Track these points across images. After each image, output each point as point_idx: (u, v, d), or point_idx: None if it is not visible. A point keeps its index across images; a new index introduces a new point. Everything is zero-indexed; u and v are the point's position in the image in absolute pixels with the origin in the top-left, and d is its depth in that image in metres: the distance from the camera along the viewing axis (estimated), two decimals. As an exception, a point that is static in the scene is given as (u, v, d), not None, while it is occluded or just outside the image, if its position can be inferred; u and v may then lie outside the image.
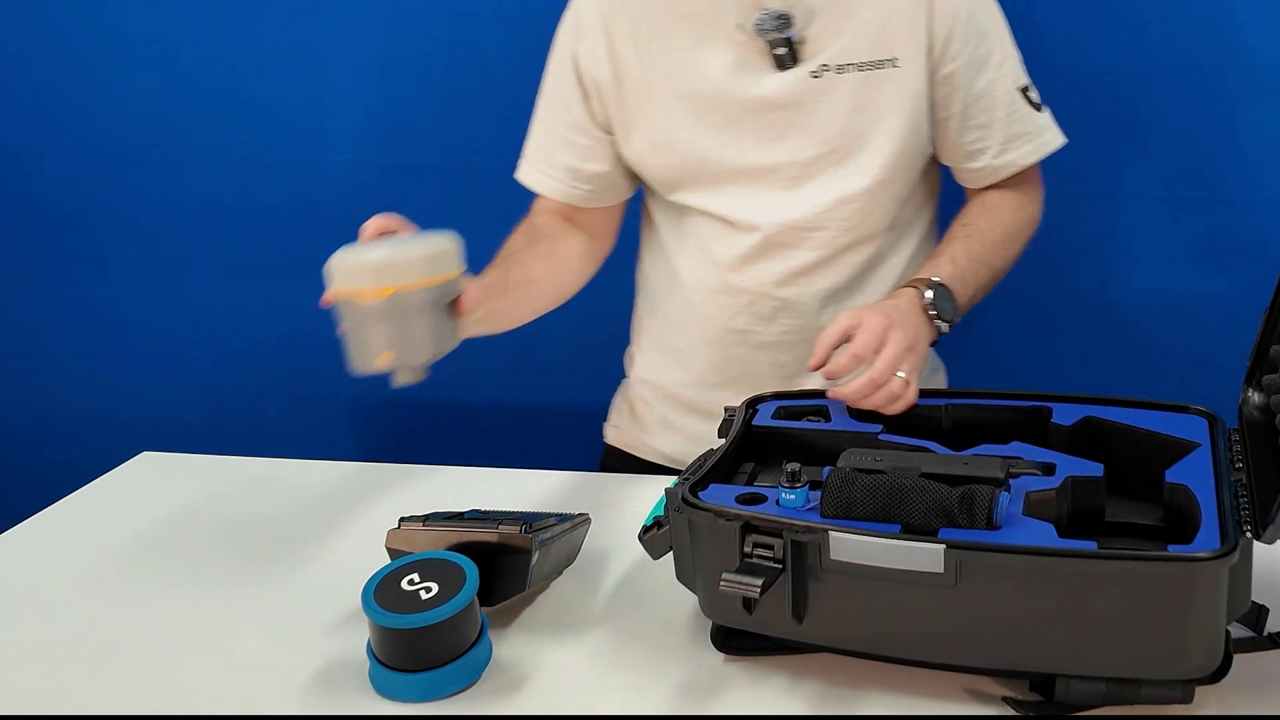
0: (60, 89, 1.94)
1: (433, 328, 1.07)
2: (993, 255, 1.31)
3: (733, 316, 1.37)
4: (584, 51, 1.35)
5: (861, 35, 1.27)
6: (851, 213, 1.32)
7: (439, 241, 1.09)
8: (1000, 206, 1.35)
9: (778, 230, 1.32)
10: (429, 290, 1.06)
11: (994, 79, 1.31)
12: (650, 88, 1.33)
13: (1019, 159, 1.34)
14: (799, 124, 1.30)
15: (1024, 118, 1.33)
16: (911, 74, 1.28)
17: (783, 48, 1.27)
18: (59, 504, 1.34)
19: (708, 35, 1.30)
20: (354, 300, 1.04)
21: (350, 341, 1.07)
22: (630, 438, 1.54)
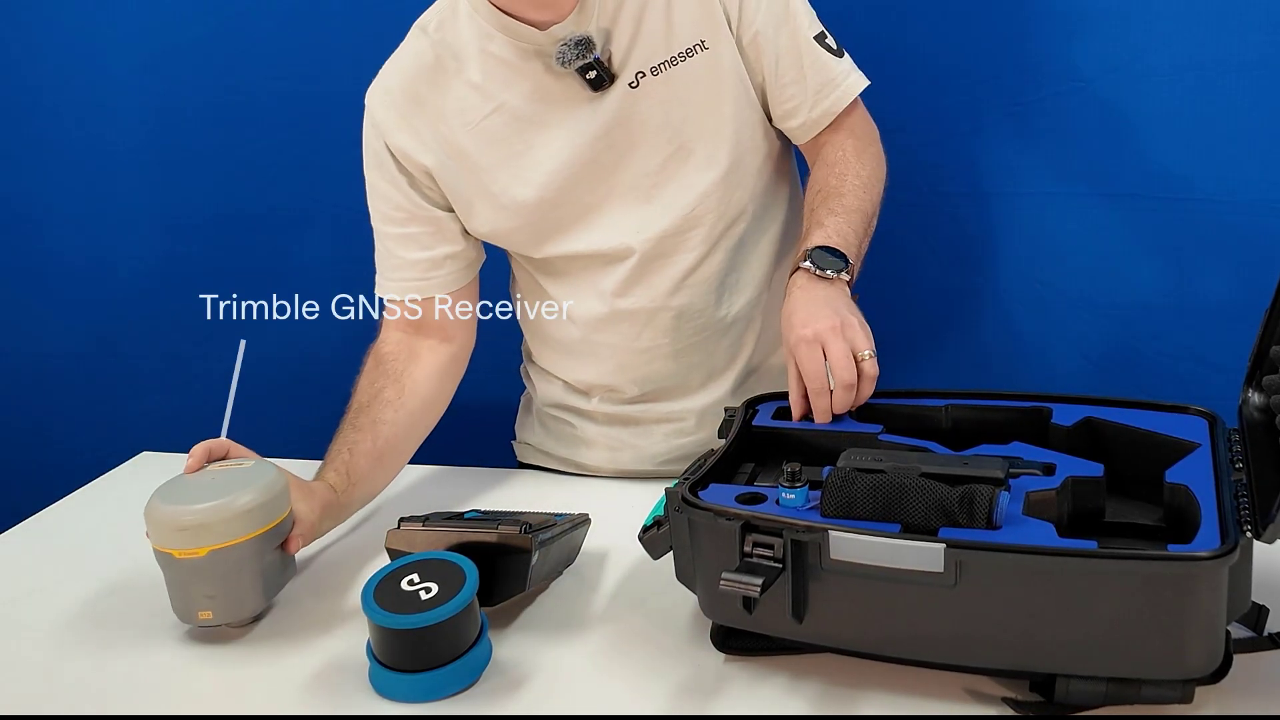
0: (60, 89, 1.94)
1: (259, 577, 1.02)
2: (856, 200, 1.30)
3: (635, 338, 1.36)
4: (396, 143, 1.31)
5: (660, 32, 1.27)
6: (715, 202, 1.32)
7: (264, 486, 1.02)
8: (838, 159, 1.34)
9: (653, 244, 1.32)
10: (252, 543, 1.00)
11: (791, 32, 1.31)
12: (477, 158, 1.30)
13: (832, 106, 1.33)
14: (636, 135, 1.29)
15: (826, 65, 1.32)
16: (721, 51, 1.28)
17: (592, 71, 1.25)
18: (59, 504, 1.34)
19: (515, 87, 1.28)
20: (170, 555, 0.99)
21: (170, 592, 1.02)
22: (546, 455, 1.51)
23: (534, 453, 1.54)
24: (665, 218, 1.32)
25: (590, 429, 1.46)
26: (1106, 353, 1.72)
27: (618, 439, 1.44)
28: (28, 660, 1.01)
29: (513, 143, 1.29)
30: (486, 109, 1.29)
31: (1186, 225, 1.63)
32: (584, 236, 1.33)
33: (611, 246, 1.33)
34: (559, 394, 1.47)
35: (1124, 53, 1.59)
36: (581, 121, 1.28)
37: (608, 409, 1.43)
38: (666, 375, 1.39)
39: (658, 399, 1.40)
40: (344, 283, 1.94)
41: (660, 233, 1.32)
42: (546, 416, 1.50)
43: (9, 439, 2.12)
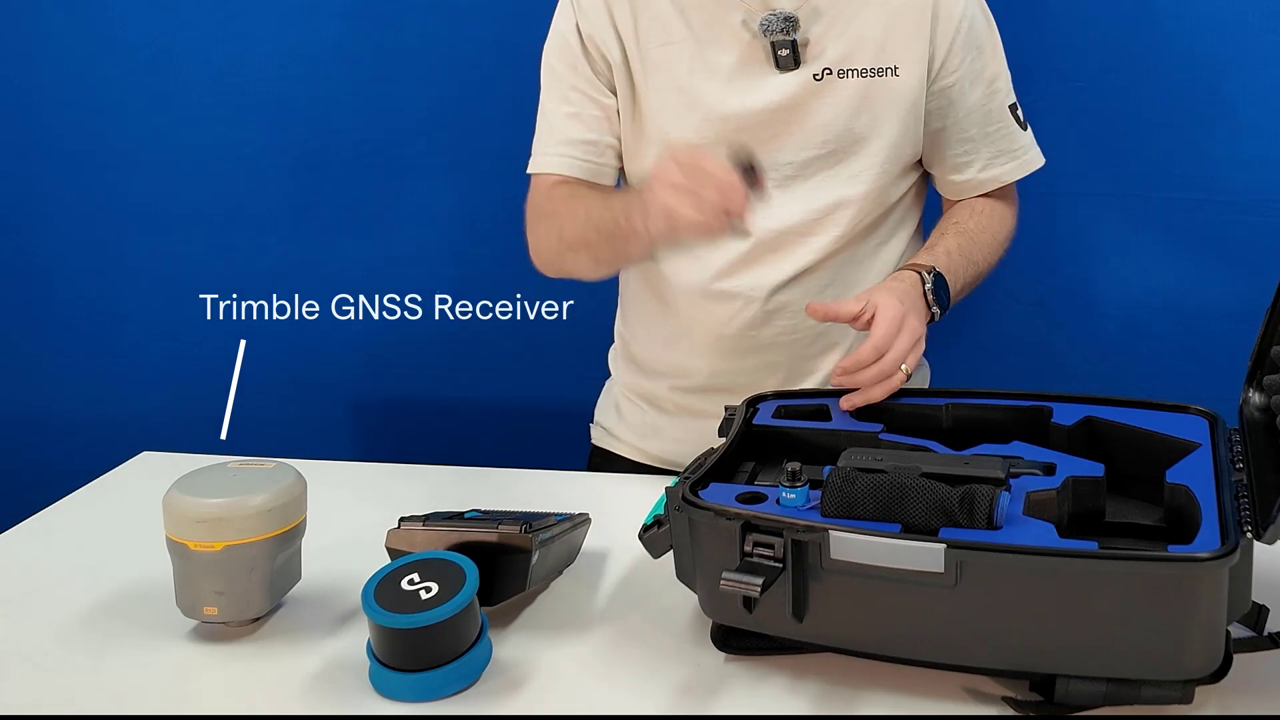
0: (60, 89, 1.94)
1: (268, 578, 1.02)
2: (979, 255, 1.33)
3: (726, 322, 1.36)
4: (589, 30, 1.33)
5: (865, 41, 1.28)
6: (845, 218, 1.32)
7: (285, 487, 1.02)
8: (987, 212, 1.37)
9: (770, 235, 1.32)
10: (267, 543, 1.00)
11: (987, 94, 1.32)
12: (648, 79, 1.32)
13: (1003, 175, 1.36)
14: (797, 126, 1.30)
15: (1011, 135, 1.35)
16: (910, 83, 1.29)
17: (786, 49, 1.26)
18: (59, 504, 1.34)
19: (710, 32, 1.29)
20: (185, 546, 0.99)
21: (178, 584, 1.02)
22: (618, 440, 1.53)
23: (607, 436, 1.55)
24: (792, 213, 1.32)
25: (659, 418, 1.46)
26: (1106, 353, 1.73)
27: (685, 428, 1.43)
28: (28, 660, 1.01)
29: (683, 77, 1.30)
30: (678, 35, 1.30)
31: (1187, 225, 1.63)
32: None
33: None
34: (637, 375, 1.48)
35: (1124, 53, 1.59)
36: (754, 90, 1.29)
37: (678, 398, 1.43)
38: (742, 369, 1.38)
39: (732, 392, 1.36)
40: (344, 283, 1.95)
41: (783, 226, 1.32)
42: (622, 399, 1.51)
43: (9, 439, 2.12)
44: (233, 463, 1.07)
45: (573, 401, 1.87)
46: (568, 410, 1.89)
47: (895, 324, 1.14)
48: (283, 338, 1.96)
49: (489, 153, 1.86)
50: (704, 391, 1.41)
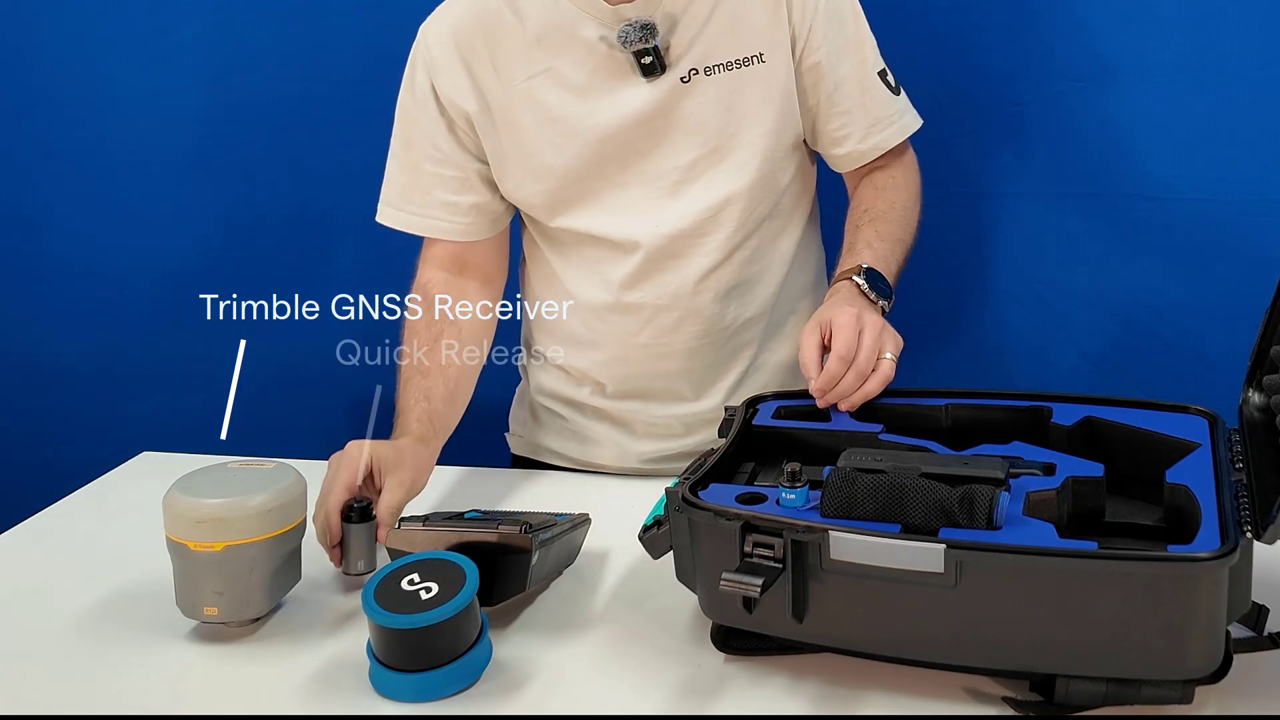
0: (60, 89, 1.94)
1: (268, 578, 1.02)
2: (900, 230, 1.34)
3: (636, 333, 1.37)
4: (444, 84, 1.32)
5: (724, 35, 1.28)
6: (736, 212, 1.33)
7: (285, 488, 1.02)
8: (889, 185, 1.37)
9: (665, 241, 1.32)
10: (267, 544, 1.00)
11: (855, 65, 1.33)
12: (517, 116, 1.31)
13: (883, 142, 1.36)
14: (674, 130, 1.30)
15: (884, 101, 1.35)
16: (777, 67, 1.30)
17: (649, 57, 1.26)
18: (59, 504, 1.34)
19: (569, 55, 1.29)
20: (185, 546, 1.00)
21: (178, 584, 1.02)
22: (537, 445, 1.51)
23: (524, 444, 1.54)
24: (683, 217, 1.32)
25: (579, 421, 1.46)
26: (1106, 353, 1.72)
27: (604, 435, 1.44)
28: (28, 660, 1.01)
29: (553, 107, 1.30)
30: (537, 69, 1.29)
31: (1186, 225, 1.63)
32: (599, 218, 1.33)
33: (621, 236, 1.33)
34: (552, 383, 1.47)
35: (1123, 53, 1.59)
36: (625, 103, 1.29)
37: (597, 402, 1.43)
38: (659, 375, 1.39)
39: (647, 398, 1.41)
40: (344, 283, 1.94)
41: (675, 231, 1.32)
42: (539, 407, 1.50)
43: (9, 439, 2.12)
44: (233, 463, 1.07)
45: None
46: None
47: (852, 328, 1.14)
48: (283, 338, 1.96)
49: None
50: (622, 399, 1.42)
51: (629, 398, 1.41)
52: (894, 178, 1.38)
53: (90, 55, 1.91)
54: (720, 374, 1.39)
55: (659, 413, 1.41)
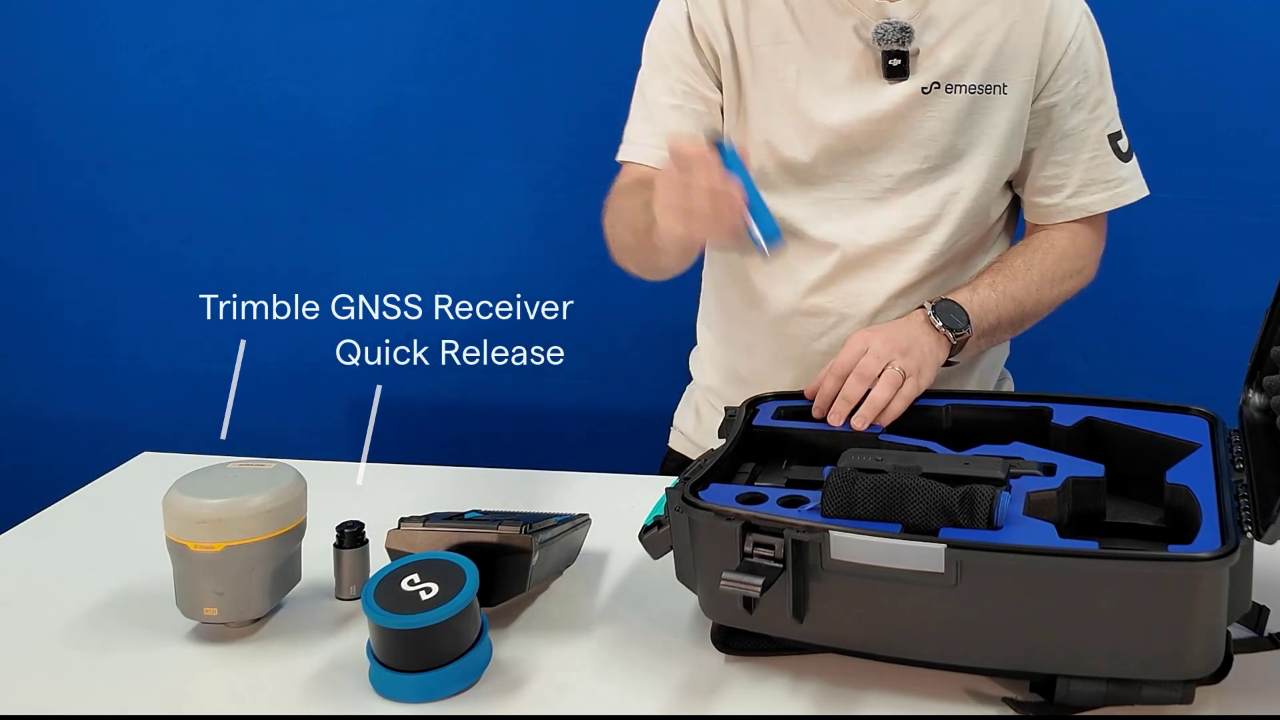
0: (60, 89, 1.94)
1: (268, 579, 1.01)
2: (1023, 293, 1.28)
3: (817, 338, 1.33)
4: (700, 21, 1.29)
5: (976, 56, 1.25)
6: (944, 236, 1.29)
7: (285, 488, 1.02)
8: (1043, 249, 1.32)
9: (863, 250, 1.29)
10: (268, 544, 1.00)
11: (1087, 119, 1.29)
12: (756, 77, 1.28)
13: (1091, 204, 1.32)
14: (900, 138, 1.27)
15: (1107, 164, 1.31)
16: (1016, 101, 1.26)
17: (897, 60, 1.24)
18: (59, 504, 1.34)
19: (821, 36, 1.26)
20: (185, 546, 0.99)
21: (178, 585, 1.02)
22: (697, 446, 1.48)
23: (686, 441, 1.51)
24: (888, 228, 1.29)
25: None
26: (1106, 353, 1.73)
27: None
28: (27, 660, 1.01)
29: (789, 80, 1.27)
30: (789, 35, 1.27)
31: (1186, 225, 1.63)
32: (801, 209, 1.30)
33: (820, 235, 1.30)
34: (720, 385, 1.44)
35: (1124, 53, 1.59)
36: (861, 98, 1.26)
37: None
38: None
39: None
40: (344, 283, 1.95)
41: (877, 241, 1.29)
42: (703, 403, 1.48)
43: (9, 439, 2.12)
44: (233, 463, 1.07)
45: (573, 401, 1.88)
46: (568, 410, 1.89)
47: (853, 349, 1.13)
48: (283, 338, 1.96)
49: (490, 153, 1.86)
50: None
51: None
52: (1053, 244, 1.32)
53: (90, 55, 1.91)
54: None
55: None
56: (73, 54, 1.91)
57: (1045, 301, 1.31)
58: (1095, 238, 1.36)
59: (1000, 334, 1.29)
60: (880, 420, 1.10)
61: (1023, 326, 1.31)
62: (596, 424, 1.65)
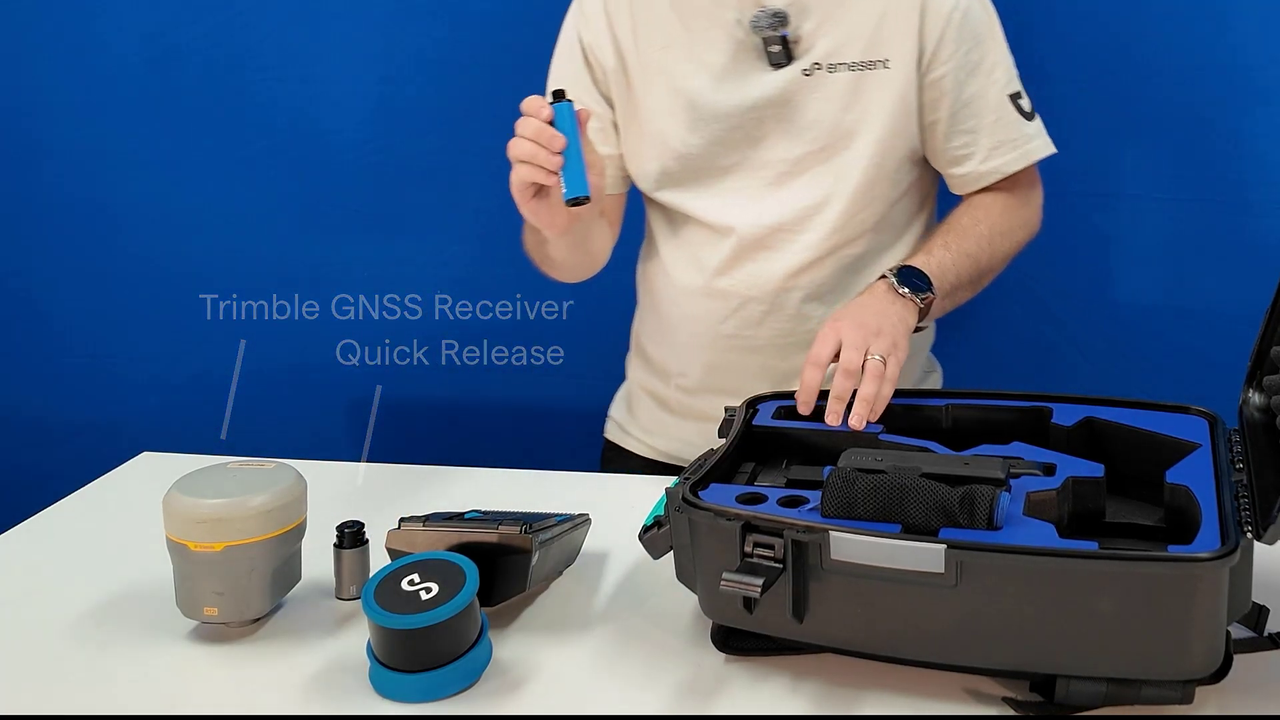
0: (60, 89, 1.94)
1: (269, 579, 1.01)
2: (976, 248, 1.31)
3: (722, 321, 1.38)
4: (589, 38, 1.37)
5: (855, 34, 1.28)
6: (836, 214, 1.32)
7: (285, 488, 1.02)
8: (988, 206, 1.35)
9: (761, 232, 1.33)
10: (268, 544, 1.00)
11: (984, 85, 1.31)
12: (646, 81, 1.34)
13: (1004, 165, 1.34)
14: (788, 121, 1.31)
15: (1012, 124, 1.33)
16: (901, 75, 1.29)
17: (777, 45, 1.28)
18: (59, 504, 1.34)
19: (705, 32, 1.31)
20: (185, 546, 0.99)
21: (178, 584, 1.02)
22: (627, 435, 1.55)
23: (617, 429, 1.57)
24: (782, 209, 1.33)
25: (663, 415, 1.48)
26: (1106, 353, 1.73)
27: (688, 428, 1.45)
28: (27, 660, 1.01)
29: (681, 80, 1.32)
30: (676, 38, 1.32)
31: (1186, 225, 1.63)
32: (701, 199, 1.35)
33: (719, 220, 1.34)
34: (644, 375, 1.50)
35: (1124, 53, 1.59)
36: (748, 88, 1.30)
37: (681, 397, 1.45)
38: (739, 369, 1.38)
39: (725, 392, 1.37)
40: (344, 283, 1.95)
41: (773, 223, 1.33)
42: (634, 395, 1.53)
43: (9, 439, 2.12)
44: (233, 463, 1.07)
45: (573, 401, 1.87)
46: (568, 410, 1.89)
47: (827, 341, 1.14)
48: (283, 338, 1.96)
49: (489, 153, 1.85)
50: (702, 392, 1.42)
51: (707, 392, 1.41)
52: (995, 201, 1.35)
53: (90, 55, 1.91)
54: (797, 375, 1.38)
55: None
56: (72, 54, 1.91)
57: (999, 255, 1.34)
58: (1030, 187, 1.39)
59: (961, 293, 1.31)
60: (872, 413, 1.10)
61: (980, 284, 1.34)
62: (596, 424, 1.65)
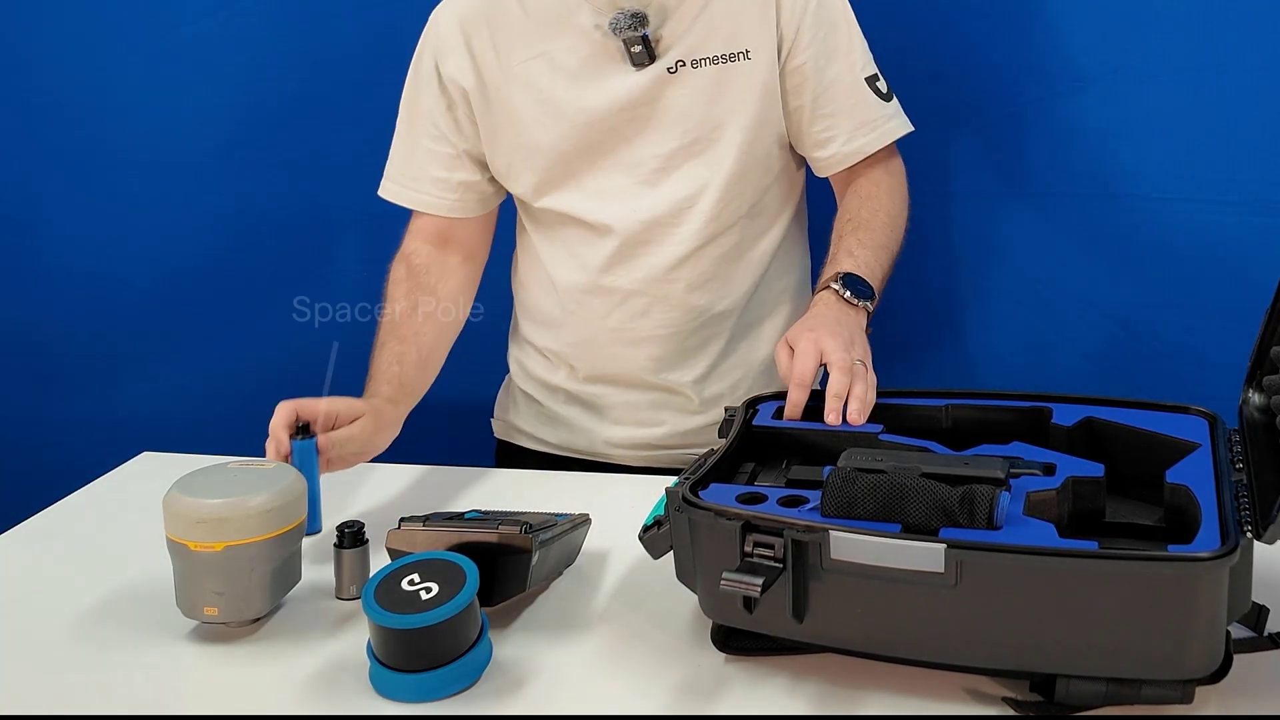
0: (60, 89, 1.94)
1: (268, 579, 1.01)
2: (884, 237, 1.35)
3: (606, 316, 1.40)
4: (447, 65, 1.38)
5: (714, 29, 1.31)
6: (710, 204, 1.35)
7: (284, 488, 1.02)
8: (873, 193, 1.38)
9: (639, 228, 1.36)
10: (268, 544, 1.00)
11: (842, 69, 1.35)
12: (511, 95, 1.36)
13: (866, 146, 1.38)
14: (656, 119, 1.33)
15: (870, 105, 1.37)
16: (762, 65, 1.32)
17: (638, 45, 1.30)
18: (59, 504, 1.34)
19: (564, 39, 1.33)
20: (185, 546, 0.99)
21: (178, 584, 1.02)
22: (518, 431, 1.56)
23: (503, 426, 1.58)
24: (658, 204, 1.36)
25: (553, 406, 1.50)
26: (1106, 353, 1.72)
27: (575, 418, 1.48)
28: (28, 660, 1.01)
29: (545, 89, 1.34)
30: (534, 52, 1.34)
31: (1186, 226, 1.63)
32: (580, 201, 1.37)
33: (598, 220, 1.37)
34: (531, 366, 1.51)
35: (1124, 53, 1.59)
36: (613, 90, 1.33)
37: (569, 386, 1.47)
38: (626, 360, 1.42)
39: (614, 383, 1.44)
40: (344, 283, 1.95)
41: (650, 218, 1.36)
42: (517, 391, 1.55)
43: (9, 439, 2.12)
44: (233, 463, 1.08)
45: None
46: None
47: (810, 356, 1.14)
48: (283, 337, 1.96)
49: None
50: (591, 382, 1.45)
51: (597, 381, 1.45)
52: (878, 185, 1.40)
53: (90, 55, 1.91)
54: (685, 363, 1.42)
55: (625, 398, 1.44)
56: (73, 53, 1.91)
57: (898, 237, 1.38)
58: (895, 164, 1.43)
59: (884, 284, 1.33)
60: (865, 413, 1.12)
61: (890, 270, 1.36)
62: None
